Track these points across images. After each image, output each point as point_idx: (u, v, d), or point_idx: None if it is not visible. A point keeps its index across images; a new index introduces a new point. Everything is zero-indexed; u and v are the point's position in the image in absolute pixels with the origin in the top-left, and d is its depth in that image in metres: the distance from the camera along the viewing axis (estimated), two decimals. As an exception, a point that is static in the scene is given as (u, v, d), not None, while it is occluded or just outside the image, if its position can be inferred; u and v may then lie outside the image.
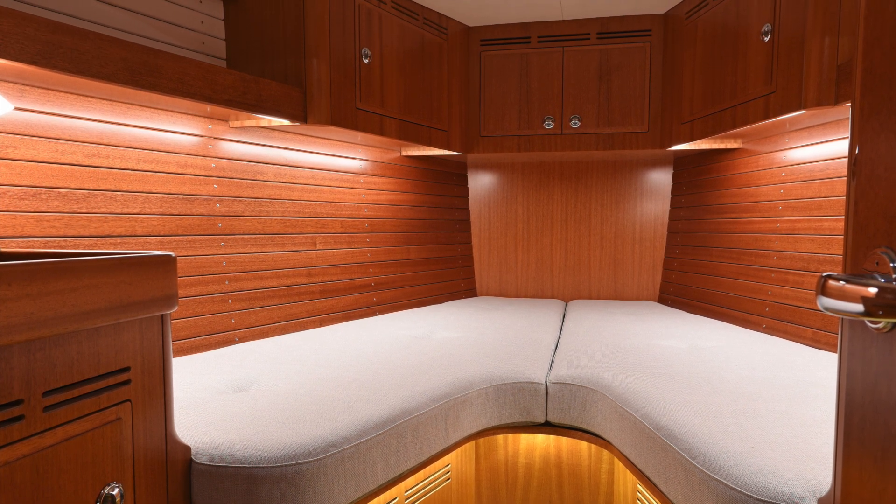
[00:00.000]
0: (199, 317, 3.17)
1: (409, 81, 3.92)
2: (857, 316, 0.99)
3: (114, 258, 1.61)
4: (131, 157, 2.89)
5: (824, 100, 2.84)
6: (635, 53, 4.30)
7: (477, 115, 4.55)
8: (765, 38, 3.14)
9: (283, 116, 3.15)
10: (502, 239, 5.35)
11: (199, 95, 2.69)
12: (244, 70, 3.40)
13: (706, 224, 4.53)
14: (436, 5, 4.04)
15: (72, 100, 2.64)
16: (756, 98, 3.23)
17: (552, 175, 5.23)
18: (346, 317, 4.09)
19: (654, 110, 4.28)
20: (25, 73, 2.25)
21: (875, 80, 1.07)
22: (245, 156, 3.45)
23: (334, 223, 4.05)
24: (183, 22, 3.24)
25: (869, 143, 1.09)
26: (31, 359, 1.41)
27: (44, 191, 2.54)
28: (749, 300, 3.89)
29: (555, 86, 4.41)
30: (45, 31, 2.10)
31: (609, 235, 5.16)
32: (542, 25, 4.40)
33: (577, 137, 4.42)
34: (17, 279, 1.34)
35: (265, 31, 3.35)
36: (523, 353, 3.25)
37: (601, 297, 5.22)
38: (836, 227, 3.25)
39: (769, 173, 3.83)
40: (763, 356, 3.07)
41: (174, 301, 1.83)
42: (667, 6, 4.09)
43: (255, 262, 3.50)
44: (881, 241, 1.06)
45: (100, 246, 2.74)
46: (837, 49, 2.80)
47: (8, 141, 2.42)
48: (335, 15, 3.32)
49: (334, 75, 3.32)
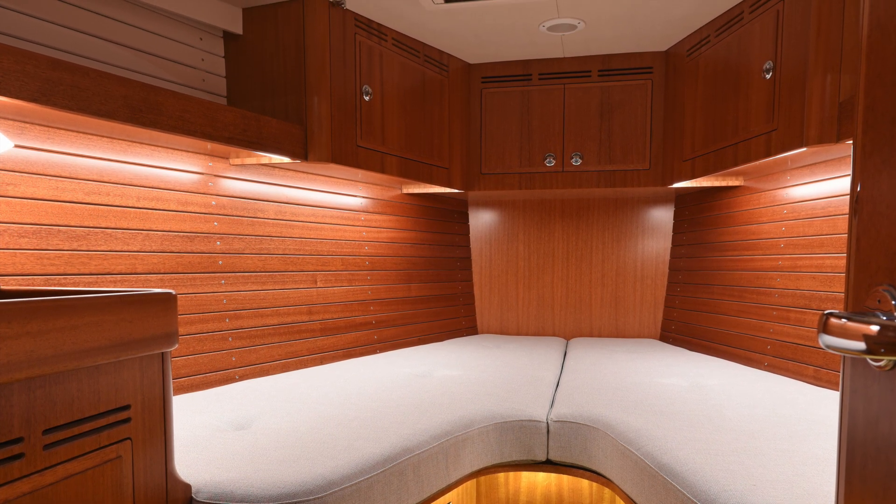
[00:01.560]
0: (199, 354, 3.16)
1: (410, 118, 3.92)
2: (859, 354, 0.98)
3: (114, 296, 1.60)
4: (132, 195, 2.88)
5: (826, 137, 2.84)
6: (636, 91, 4.30)
7: (478, 153, 4.55)
8: (766, 75, 3.15)
9: (284, 154, 3.15)
10: (503, 276, 5.34)
11: (199, 133, 2.69)
12: (245, 107, 3.40)
13: (708, 262, 4.53)
14: (437, 42, 4.05)
15: (72, 137, 2.64)
16: (758, 135, 3.24)
17: (553, 212, 5.23)
18: (347, 355, 4.07)
19: (656, 148, 4.29)
20: (26, 110, 2.25)
21: (877, 117, 1.07)
22: (245, 193, 3.45)
23: (335, 261, 4.05)
24: (184, 59, 3.25)
25: (870, 180, 1.08)
26: (31, 397, 1.40)
27: (44, 228, 2.54)
28: (751, 338, 3.88)
29: (556, 123, 4.41)
30: (46, 69, 2.10)
31: (610, 273, 5.16)
32: (544, 63, 4.41)
33: (578, 175, 4.41)
34: (17, 317, 1.34)
35: (266, 68, 3.36)
36: (524, 391, 3.24)
37: (602, 334, 5.21)
38: (837, 264, 3.25)
39: (771, 211, 3.83)
40: (765, 394, 3.06)
41: (174, 339, 1.82)
42: (668, 43, 4.10)
43: (256, 299, 3.49)
44: (883, 279, 1.05)
45: (100, 284, 2.74)
46: (839, 86, 2.81)
47: (8, 178, 2.42)
48: (336, 52, 3.33)
49: (335, 112, 3.33)
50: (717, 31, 3.60)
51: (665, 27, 3.78)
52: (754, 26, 3.27)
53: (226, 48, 3.48)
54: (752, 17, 3.28)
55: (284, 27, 3.32)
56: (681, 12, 3.55)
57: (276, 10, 3.34)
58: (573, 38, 3.99)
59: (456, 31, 3.83)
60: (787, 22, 3.03)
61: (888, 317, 1.00)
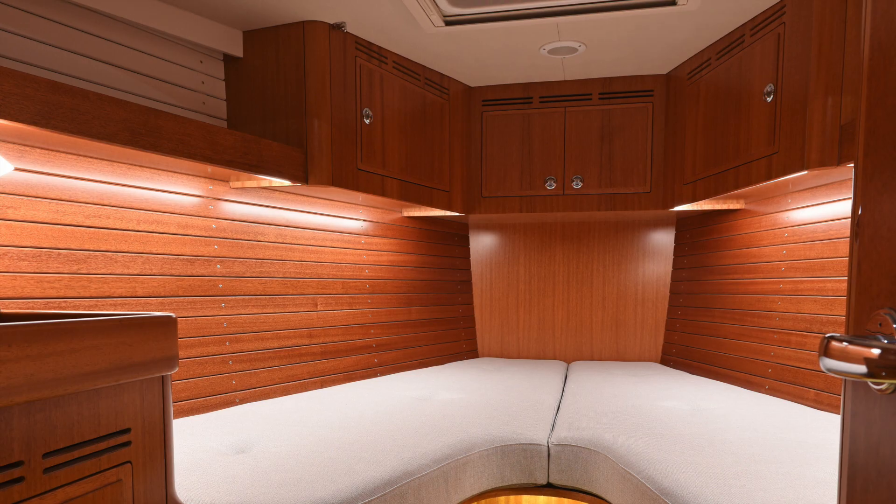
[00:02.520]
0: (199, 378, 3.15)
1: (411, 142, 3.92)
2: (860, 377, 0.98)
3: (114, 319, 1.60)
4: (132, 218, 2.88)
5: (827, 160, 2.84)
6: (637, 114, 4.30)
7: (478, 176, 4.55)
8: (767, 98, 3.15)
9: (284, 177, 3.15)
10: (504, 300, 5.34)
11: (199, 156, 2.69)
12: (245, 130, 3.40)
13: (709, 285, 4.52)
14: (437, 65, 4.06)
15: (72, 160, 2.64)
16: (759, 158, 3.24)
17: (554, 236, 5.23)
18: (348, 378, 4.07)
19: (657, 171, 4.28)
20: (25, 133, 2.25)
21: (878, 140, 1.07)
22: (246, 216, 3.45)
23: (335, 284, 4.04)
24: (184, 82, 3.25)
25: (872, 203, 1.08)
26: (31, 420, 1.39)
27: (44, 251, 2.53)
28: (752, 361, 3.87)
29: (557, 146, 4.41)
30: (45, 91, 2.10)
31: (611, 296, 5.15)
32: (544, 86, 4.41)
33: (578, 198, 4.41)
34: (17, 340, 1.33)
35: (266, 91, 3.36)
36: (525, 414, 3.23)
37: (603, 358, 5.20)
38: (839, 287, 3.24)
39: (772, 234, 3.83)
40: (766, 417, 3.06)
41: (175, 362, 1.81)
42: (669, 66, 4.10)
43: (256, 322, 3.48)
44: (884, 303, 1.04)
45: (100, 307, 2.73)
46: (840, 109, 2.81)
47: (8, 202, 2.42)
48: (336, 75, 3.33)
49: (335, 135, 3.33)
50: (718, 55, 3.60)
51: (666, 50, 3.79)
52: (755, 49, 3.27)
53: (226, 71, 3.48)
54: (753, 41, 3.29)
55: (285, 50, 3.32)
56: (682, 36, 3.55)
57: (277, 33, 3.34)
58: (574, 61, 3.99)
59: (456, 53, 3.83)
60: (787, 45, 3.03)
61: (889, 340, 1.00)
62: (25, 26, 2.57)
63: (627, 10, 3.19)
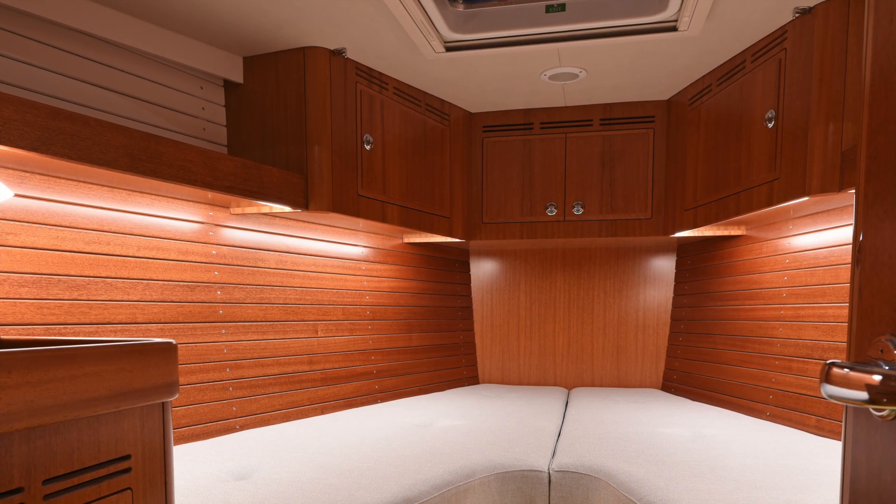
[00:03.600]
0: (200, 404, 3.15)
1: (411, 167, 3.93)
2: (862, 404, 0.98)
3: (114, 346, 1.59)
4: (132, 244, 2.88)
5: (828, 186, 2.84)
6: (638, 140, 4.30)
7: (479, 202, 4.55)
8: (768, 124, 3.15)
9: (285, 203, 3.15)
10: (505, 326, 5.33)
11: (200, 182, 2.69)
12: (245, 156, 3.41)
13: (710, 311, 4.51)
14: (438, 91, 4.06)
15: (72, 186, 2.64)
16: (760, 185, 3.24)
17: (555, 262, 5.22)
18: (348, 404, 4.06)
19: (658, 197, 4.28)
20: (26, 159, 2.25)
21: (879, 166, 1.07)
22: (246, 242, 3.44)
23: (336, 310, 4.04)
24: (184, 108, 3.25)
25: (873, 229, 1.08)
26: (31, 447, 1.39)
27: (44, 278, 2.53)
28: (753, 388, 3.86)
29: (557, 172, 4.41)
30: (46, 118, 2.10)
31: (612, 323, 5.14)
32: (545, 112, 4.42)
33: (579, 224, 4.41)
34: (17, 366, 1.33)
35: (266, 117, 3.36)
36: (526, 440, 3.22)
37: (604, 384, 5.19)
38: (840, 314, 3.24)
39: (773, 260, 3.83)
40: (767, 444, 3.05)
41: (175, 389, 1.81)
42: (670, 92, 4.10)
43: (257, 349, 3.48)
44: (886, 329, 1.04)
45: (100, 333, 2.73)
46: (842, 135, 2.81)
47: (8, 228, 2.42)
48: (336, 101, 3.34)
49: (336, 161, 3.33)
50: (718, 81, 3.60)
51: (667, 76, 3.79)
52: (756, 75, 3.27)
53: (226, 97, 3.49)
54: (755, 66, 3.29)
55: (285, 76, 3.33)
56: (683, 61, 3.56)
57: (277, 59, 3.35)
58: (574, 87, 3.99)
59: (457, 79, 3.84)
60: (789, 70, 3.03)
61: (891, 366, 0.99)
62: (26, 52, 2.58)
63: (628, 35, 3.19)
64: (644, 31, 3.17)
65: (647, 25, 3.14)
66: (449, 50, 3.35)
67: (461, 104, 4.33)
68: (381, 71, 3.66)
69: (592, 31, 3.21)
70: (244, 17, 2.98)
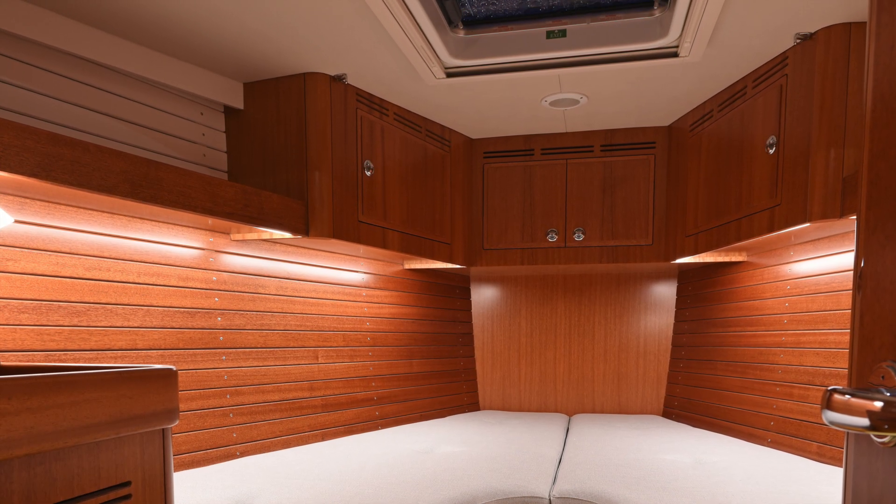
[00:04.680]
0: (200, 431, 3.14)
1: (412, 194, 3.92)
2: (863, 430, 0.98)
3: (114, 372, 1.59)
4: (132, 271, 2.88)
5: (829, 212, 2.84)
6: (639, 166, 4.30)
7: (480, 228, 4.54)
8: (770, 150, 3.15)
9: (285, 229, 3.15)
10: (505, 353, 5.32)
11: (200, 208, 2.69)
12: (245, 182, 3.40)
13: (711, 337, 4.51)
14: (438, 117, 4.07)
15: (72, 212, 2.64)
16: (761, 211, 3.23)
17: (556, 288, 5.22)
18: (349, 431, 4.04)
19: (659, 223, 4.28)
20: (25, 185, 2.25)
21: (881, 192, 1.06)
22: (246, 269, 3.44)
23: (336, 336, 4.03)
24: (184, 134, 3.25)
25: (874, 256, 1.08)
26: (31, 473, 1.39)
27: (44, 304, 2.53)
28: (754, 414, 3.85)
29: (558, 198, 4.41)
30: (46, 144, 2.10)
31: (613, 349, 5.14)
32: (546, 138, 4.42)
33: (580, 250, 4.41)
34: (17, 393, 1.33)
35: (267, 143, 3.36)
36: (527, 467, 3.21)
37: (605, 411, 5.17)
38: (841, 340, 3.23)
39: (774, 286, 3.82)
40: (768, 470, 3.04)
41: (175, 415, 1.80)
42: (671, 118, 4.10)
43: (257, 375, 3.47)
44: (887, 355, 1.04)
45: (100, 360, 2.72)
46: (843, 161, 2.81)
47: (8, 254, 2.41)
48: (337, 127, 3.34)
49: (336, 187, 3.33)
50: (720, 106, 3.60)
51: (668, 102, 3.79)
52: (757, 101, 3.27)
53: (226, 123, 3.49)
54: (756, 92, 3.29)
55: (285, 102, 3.33)
56: (684, 87, 3.56)
57: (278, 85, 3.35)
58: (575, 113, 4.00)
59: (457, 105, 3.84)
60: (790, 96, 3.03)
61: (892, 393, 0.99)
62: (26, 78, 2.58)
63: (629, 61, 3.20)
64: (645, 57, 3.17)
65: (649, 51, 3.15)
66: (450, 76, 3.36)
67: (462, 130, 4.33)
68: (382, 97, 3.66)
69: (593, 58, 3.21)
70: (245, 44, 2.98)
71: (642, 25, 3.07)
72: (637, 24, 3.08)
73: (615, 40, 3.10)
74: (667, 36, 2.98)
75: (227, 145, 3.49)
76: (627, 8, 3.07)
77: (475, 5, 3.06)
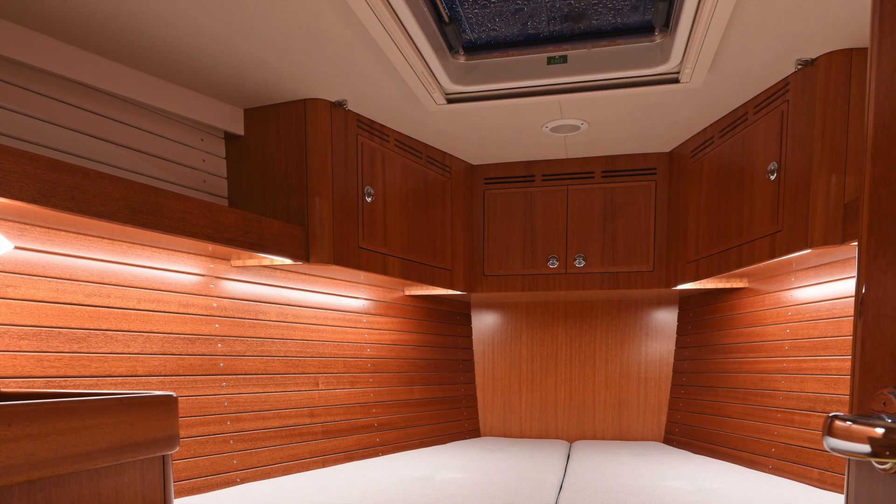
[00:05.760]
0: (200, 457, 3.13)
1: (412, 220, 3.93)
2: (864, 457, 0.98)
3: (115, 399, 1.59)
4: (132, 297, 2.88)
5: (831, 239, 2.84)
6: (640, 192, 4.30)
7: (481, 254, 4.54)
8: (771, 176, 3.15)
9: (286, 256, 3.15)
10: (506, 379, 5.31)
11: (200, 234, 2.69)
12: (246, 208, 3.41)
13: (712, 364, 4.50)
14: (439, 143, 4.07)
15: (72, 238, 2.64)
16: (762, 237, 3.23)
17: (556, 314, 5.22)
18: (349, 457, 4.03)
19: (660, 249, 4.28)
20: (25, 211, 2.25)
21: (882, 218, 1.06)
22: (247, 295, 3.44)
23: (337, 363, 4.03)
24: (184, 160, 3.26)
25: (875, 282, 1.08)
26: (31, 500, 1.38)
27: (44, 330, 2.52)
28: (755, 440, 3.84)
29: (559, 224, 4.41)
30: (46, 170, 2.10)
31: (614, 375, 5.13)
32: (547, 164, 4.42)
33: (581, 277, 4.41)
34: (17, 419, 1.33)
35: (267, 169, 3.37)
36: (528, 494, 3.20)
37: (606, 437, 5.16)
38: (842, 366, 3.23)
39: (775, 313, 3.82)
40: (769, 497, 3.03)
41: (175, 442, 1.80)
42: (672, 144, 4.11)
43: (258, 402, 3.46)
44: (888, 382, 1.04)
45: (101, 386, 2.72)
46: (844, 187, 2.81)
47: (8, 280, 2.41)
48: (338, 153, 3.34)
49: (337, 214, 3.33)
50: (721, 132, 3.61)
51: (669, 128, 3.80)
52: (759, 127, 3.28)
53: (227, 149, 3.49)
54: (757, 119, 3.29)
55: (286, 128, 3.33)
56: (685, 113, 3.56)
57: (278, 111, 3.36)
58: (576, 139, 4.00)
59: (458, 131, 3.84)
60: (791, 122, 3.04)
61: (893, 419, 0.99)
62: (25, 104, 2.58)
63: (630, 87, 3.20)
64: (646, 84, 3.18)
65: (650, 77, 3.15)
66: (450, 102, 3.36)
67: (462, 156, 4.34)
68: (383, 123, 3.67)
69: (594, 84, 3.22)
70: (245, 70, 2.99)
71: (643, 51, 3.07)
72: (638, 49, 3.08)
73: (616, 66, 3.10)
74: (668, 62, 2.99)
75: (228, 171, 3.49)
76: (628, 34, 3.07)
77: (476, 31, 3.07)
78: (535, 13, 2.91)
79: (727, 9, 2.44)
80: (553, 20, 2.96)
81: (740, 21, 2.60)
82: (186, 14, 2.51)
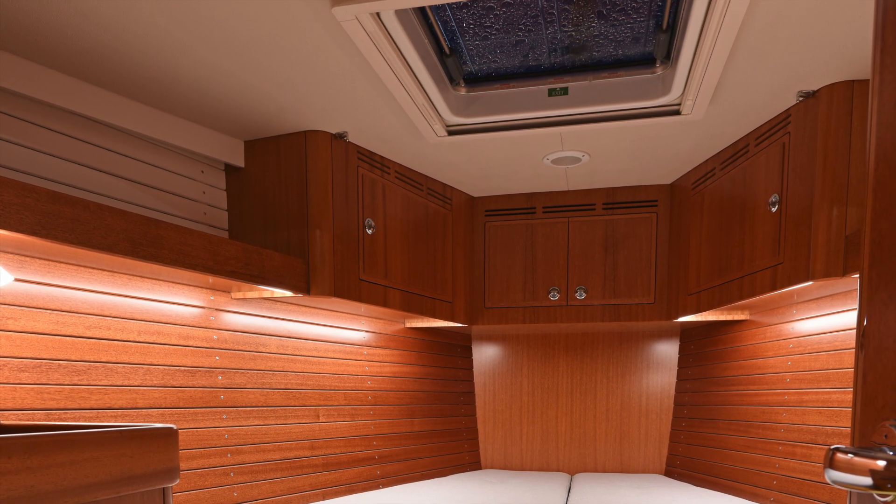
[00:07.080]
0: (201, 490, 3.12)
1: (413, 252, 3.92)
2: (866, 489, 0.98)
3: (115, 431, 1.59)
4: (132, 329, 2.87)
5: (832, 271, 2.84)
6: (641, 224, 4.30)
7: (481, 286, 4.54)
8: (772, 208, 3.15)
9: (286, 288, 3.15)
10: (507, 411, 5.30)
11: (201, 266, 2.69)
12: (246, 240, 3.41)
13: (713, 396, 4.49)
14: (440, 175, 4.08)
15: (72, 270, 2.63)
16: (763, 269, 3.23)
17: (557, 346, 5.21)
18: (350, 490, 4.02)
19: (661, 281, 4.28)
20: (25, 243, 2.25)
21: (883, 251, 1.06)
22: (247, 327, 3.43)
23: (337, 395, 4.02)
24: (185, 192, 3.26)
25: (877, 314, 1.07)
26: (29, 533, 1.38)
27: (44, 363, 2.52)
28: (757, 473, 3.83)
29: (560, 257, 4.41)
30: (46, 202, 2.10)
31: (615, 408, 5.12)
32: (547, 196, 4.42)
33: (582, 309, 4.40)
34: (17, 452, 1.32)
35: (267, 201, 3.37)
36: (529, 529, 3.19)
37: (607, 470, 5.15)
38: (844, 399, 3.22)
39: (777, 345, 3.81)
40: (774, 532, 3.02)
41: (176, 474, 1.80)
42: (673, 177, 4.11)
43: (258, 434, 3.46)
44: (890, 414, 1.04)
45: (101, 418, 2.71)
46: (845, 219, 2.81)
47: (8, 312, 2.41)
48: (338, 185, 3.34)
49: (337, 246, 3.33)
50: (722, 164, 3.61)
51: (670, 160, 3.80)
52: (760, 159, 3.28)
53: (227, 181, 3.50)
54: (758, 150, 3.30)
55: (286, 160, 3.33)
56: (686, 145, 3.57)
57: (279, 143, 3.36)
58: (577, 171, 4.00)
59: (459, 163, 3.85)
60: (792, 154, 3.04)
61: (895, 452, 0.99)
62: (25, 136, 2.59)
63: (631, 119, 3.20)
64: (647, 115, 3.18)
65: (651, 109, 3.15)
66: (451, 133, 3.36)
67: (463, 188, 4.34)
68: (383, 155, 3.67)
69: (595, 115, 3.22)
70: (246, 102, 2.99)
71: (644, 83, 3.08)
72: (639, 81, 3.08)
73: (617, 98, 3.11)
74: (669, 94, 2.99)
75: (228, 203, 3.49)
76: (629, 66, 3.08)
77: (477, 63, 3.07)
78: (535, 45, 2.91)
79: (728, 41, 2.45)
80: (554, 52, 2.97)
81: (742, 53, 2.61)
82: (187, 46, 2.51)
